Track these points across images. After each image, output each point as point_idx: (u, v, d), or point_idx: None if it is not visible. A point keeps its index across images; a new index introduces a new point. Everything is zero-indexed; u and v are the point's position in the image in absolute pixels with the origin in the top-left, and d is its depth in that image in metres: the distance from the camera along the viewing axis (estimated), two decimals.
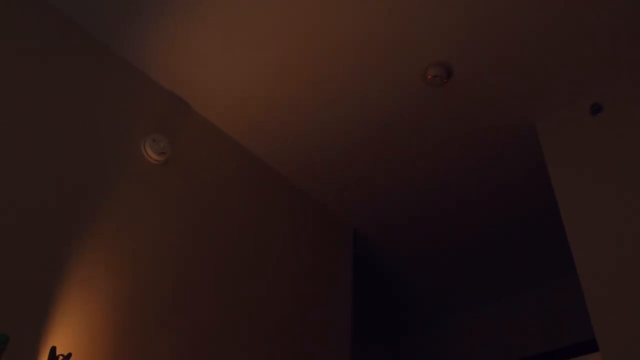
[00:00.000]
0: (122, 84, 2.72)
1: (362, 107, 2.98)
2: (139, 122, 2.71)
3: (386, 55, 2.71)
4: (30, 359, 1.88)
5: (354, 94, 2.92)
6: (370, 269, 4.29)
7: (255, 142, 3.22)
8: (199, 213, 2.77)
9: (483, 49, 2.67)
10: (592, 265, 2.40)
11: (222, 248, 2.79)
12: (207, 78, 2.87)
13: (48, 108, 2.34)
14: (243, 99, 2.97)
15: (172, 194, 2.69)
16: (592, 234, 2.47)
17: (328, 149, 3.26)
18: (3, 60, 2.26)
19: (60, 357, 1.81)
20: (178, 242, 2.60)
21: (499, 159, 3.25)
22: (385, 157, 3.29)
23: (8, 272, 1.95)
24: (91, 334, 2.09)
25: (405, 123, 3.06)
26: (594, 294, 2.32)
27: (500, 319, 4.55)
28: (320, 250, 3.44)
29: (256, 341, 2.73)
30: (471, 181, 3.42)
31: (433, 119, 3.03)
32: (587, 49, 2.64)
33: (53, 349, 1.82)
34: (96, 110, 2.54)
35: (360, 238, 3.94)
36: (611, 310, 2.22)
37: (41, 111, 2.31)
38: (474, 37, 2.62)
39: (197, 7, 2.55)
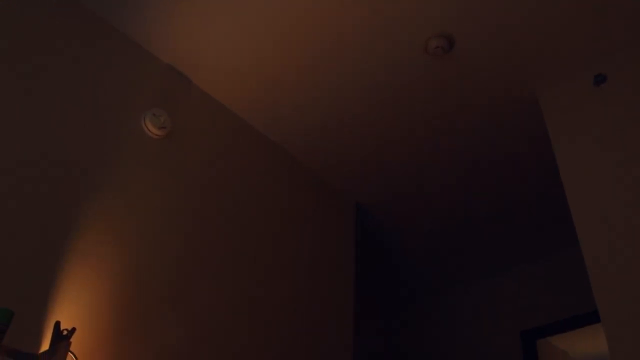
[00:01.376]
0: (122, 59, 2.69)
1: (364, 79, 2.95)
2: (139, 97, 2.69)
3: (387, 27, 2.67)
4: (34, 335, 1.90)
5: (355, 67, 2.89)
6: (371, 241, 4.30)
7: (256, 115, 3.20)
8: (199, 187, 2.77)
9: (485, 19, 2.62)
10: (594, 237, 2.39)
11: (223, 222, 2.80)
12: (207, 52, 2.84)
13: (48, 84, 2.33)
14: (243, 73, 2.94)
15: (172, 168, 2.68)
16: (595, 205, 2.45)
17: (329, 122, 3.24)
18: (1, 38, 2.24)
19: (65, 332, 1.82)
20: (179, 216, 2.61)
21: (501, 130, 3.23)
22: (387, 129, 3.26)
23: (11, 248, 1.96)
24: (95, 308, 2.11)
25: (407, 94, 3.03)
26: (597, 265, 2.32)
27: (500, 292, 4.57)
28: (323, 224, 3.44)
29: (259, 314, 2.75)
30: (473, 153, 3.40)
31: (435, 91, 3.00)
32: (590, 18, 2.59)
33: (57, 324, 1.84)
34: (96, 85, 2.53)
35: (362, 211, 3.95)
36: (614, 282, 2.23)
37: (42, 87, 2.30)
38: (475, 7, 2.57)
39: None
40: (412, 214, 3.98)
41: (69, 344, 1.74)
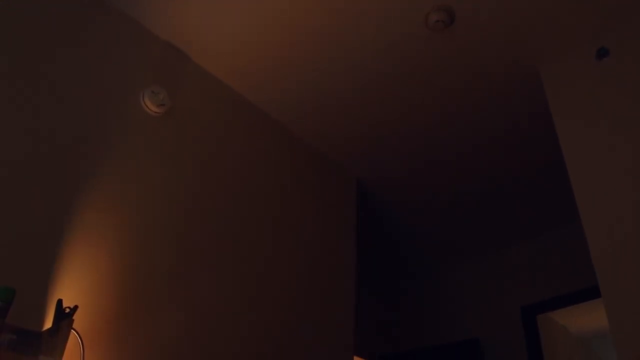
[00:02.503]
0: (120, 36, 2.66)
1: (364, 54, 2.92)
2: (138, 74, 2.67)
3: (387, 2, 2.63)
4: (37, 312, 1.90)
5: (355, 42, 2.85)
6: (372, 217, 4.30)
7: (256, 92, 3.18)
8: (199, 164, 2.76)
9: None
10: (595, 212, 2.39)
11: (223, 200, 2.79)
12: (205, 29, 2.81)
13: (46, 61, 2.30)
14: (242, 49, 2.91)
15: (172, 145, 2.67)
16: (596, 180, 2.45)
17: (329, 98, 3.21)
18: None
19: (67, 310, 1.82)
20: (179, 193, 2.60)
21: (502, 106, 3.21)
22: (388, 105, 3.24)
23: (12, 226, 1.96)
24: (97, 286, 2.12)
25: (408, 70, 3.00)
26: (597, 239, 2.32)
27: (501, 268, 4.60)
28: (324, 200, 3.44)
29: (259, 288, 2.76)
30: (473, 129, 3.39)
31: (435, 66, 2.97)
32: None
33: (59, 302, 1.84)
34: (95, 63, 2.50)
35: (363, 187, 3.94)
36: (614, 256, 2.23)
37: (39, 64, 2.27)
38: None
39: None
40: (412, 189, 3.98)
41: (72, 321, 1.75)
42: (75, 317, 1.83)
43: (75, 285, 2.05)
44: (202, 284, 2.50)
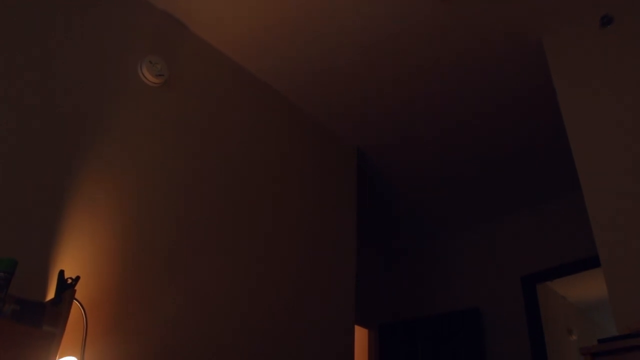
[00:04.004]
0: (116, 6, 2.62)
1: (364, 23, 2.88)
2: (135, 45, 2.64)
3: None
4: (39, 283, 1.91)
5: (355, 12, 2.81)
6: (372, 186, 4.31)
7: (254, 61, 3.15)
8: (198, 134, 2.74)
9: None
10: (596, 181, 2.38)
11: (222, 169, 2.79)
12: None
13: (42, 33, 2.27)
14: (240, 18, 2.87)
15: (170, 116, 2.65)
16: (598, 149, 2.43)
17: (329, 67, 3.18)
18: None
19: (69, 281, 1.83)
20: (179, 163, 2.59)
21: (504, 74, 3.17)
22: (388, 73, 3.21)
23: (13, 197, 1.96)
24: (98, 257, 2.13)
25: (408, 39, 2.96)
26: (598, 208, 2.32)
27: (501, 238, 4.61)
28: (323, 169, 3.43)
29: (261, 259, 2.78)
30: (475, 98, 3.36)
31: (437, 34, 2.93)
32: None
33: (61, 272, 1.85)
34: (92, 33, 2.47)
35: (363, 156, 3.93)
36: (615, 225, 2.23)
37: (36, 36, 2.24)
38: None
39: None
40: (413, 158, 3.97)
41: (74, 292, 1.76)
42: (77, 287, 1.84)
43: (77, 256, 2.05)
44: (203, 252, 2.52)
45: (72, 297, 1.75)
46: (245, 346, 2.53)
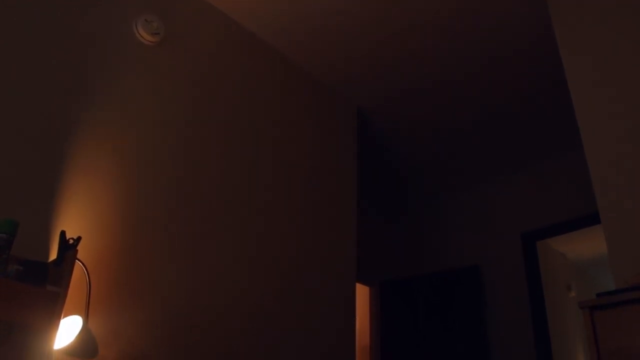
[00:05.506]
0: None
1: None
2: (130, 2, 2.59)
3: None
4: (40, 244, 1.93)
5: None
6: (373, 146, 4.29)
7: (251, 18, 3.09)
8: (196, 92, 2.72)
9: None
10: (598, 136, 2.37)
11: (222, 129, 2.77)
12: None
13: None
14: None
15: (167, 75, 2.62)
16: (600, 104, 2.41)
17: (326, 22, 3.12)
18: None
19: (71, 241, 1.84)
20: (177, 122, 2.58)
21: (506, 28, 3.11)
22: (386, 28, 3.16)
23: (13, 160, 1.95)
24: (99, 217, 2.13)
25: None
26: (599, 165, 2.31)
27: (502, 195, 4.62)
28: (324, 129, 3.42)
29: (261, 218, 2.79)
30: (474, 53, 3.31)
31: None
32: None
33: (63, 233, 1.86)
34: None
35: (363, 115, 3.91)
36: (615, 181, 2.22)
37: None
38: None
39: None
40: (413, 116, 3.94)
41: (76, 252, 1.77)
42: (79, 248, 1.85)
43: (78, 217, 2.06)
44: (203, 212, 2.52)
45: (74, 258, 1.76)
46: (247, 305, 2.56)
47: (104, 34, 2.42)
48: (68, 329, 1.81)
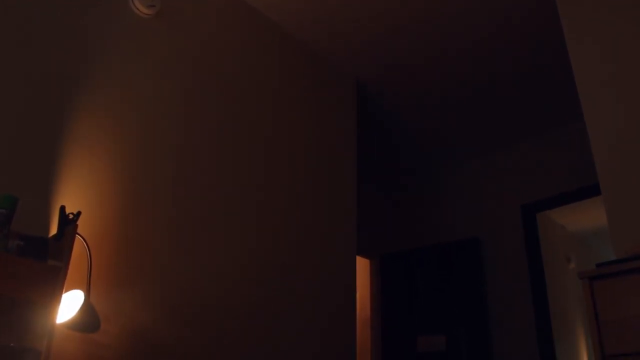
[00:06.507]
0: None
1: None
2: None
3: None
4: (40, 219, 1.93)
5: None
6: (372, 118, 4.27)
7: None
8: (193, 65, 2.70)
9: None
10: (600, 109, 2.35)
11: (221, 103, 2.76)
12: None
13: None
14: None
15: (164, 46, 2.60)
16: (601, 77, 2.38)
17: None
18: None
19: (71, 216, 1.84)
20: (174, 96, 2.56)
21: None
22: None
23: (13, 136, 1.94)
24: (98, 192, 2.13)
25: None
26: (600, 136, 2.30)
27: (502, 166, 4.61)
28: (323, 102, 3.39)
29: (261, 192, 2.79)
30: (476, 23, 3.27)
31: None
32: None
33: (62, 208, 1.85)
34: None
35: (362, 88, 3.88)
36: (616, 153, 2.22)
37: None
38: None
39: None
40: (412, 88, 3.91)
41: (76, 226, 1.77)
42: (79, 222, 1.85)
43: (77, 192, 2.06)
44: (203, 186, 2.52)
45: (74, 232, 1.76)
46: (247, 278, 2.57)
47: (98, 6, 2.39)
48: (70, 304, 1.82)
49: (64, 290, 1.67)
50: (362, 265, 5.09)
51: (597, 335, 1.66)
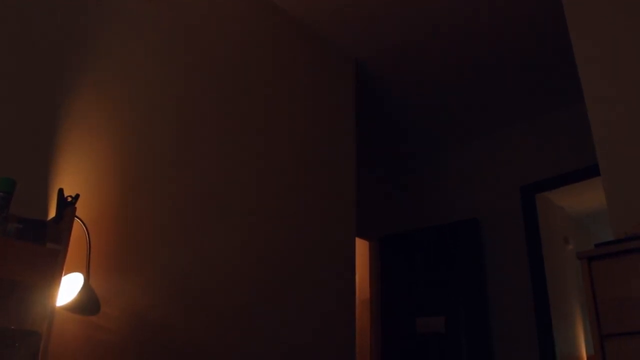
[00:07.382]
0: None
1: None
2: None
3: None
4: (38, 202, 1.92)
5: None
6: (372, 98, 4.25)
7: None
8: (193, 46, 2.67)
9: None
10: (598, 88, 2.34)
11: (215, 80, 2.74)
12: None
13: None
14: None
15: (161, 24, 2.57)
16: (603, 56, 2.37)
17: None
18: None
19: (69, 199, 1.84)
20: (173, 78, 2.54)
21: None
22: None
23: (10, 118, 1.93)
24: (97, 174, 2.13)
25: None
26: (600, 118, 2.29)
27: (501, 148, 4.61)
28: (321, 81, 3.38)
29: (261, 173, 2.78)
30: (474, 2, 3.24)
31: None
32: None
33: (60, 191, 1.85)
34: None
35: (362, 68, 3.85)
36: (616, 135, 2.21)
37: None
38: None
39: None
40: (412, 69, 3.89)
41: (75, 209, 1.76)
42: (77, 205, 1.85)
43: (75, 174, 2.05)
44: (202, 168, 2.52)
45: (73, 215, 1.76)
46: (247, 260, 2.58)
47: None
48: (69, 287, 1.82)
49: (63, 273, 1.67)
50: (362, 247, 5.10)
51: (595, 315, 1.67)
